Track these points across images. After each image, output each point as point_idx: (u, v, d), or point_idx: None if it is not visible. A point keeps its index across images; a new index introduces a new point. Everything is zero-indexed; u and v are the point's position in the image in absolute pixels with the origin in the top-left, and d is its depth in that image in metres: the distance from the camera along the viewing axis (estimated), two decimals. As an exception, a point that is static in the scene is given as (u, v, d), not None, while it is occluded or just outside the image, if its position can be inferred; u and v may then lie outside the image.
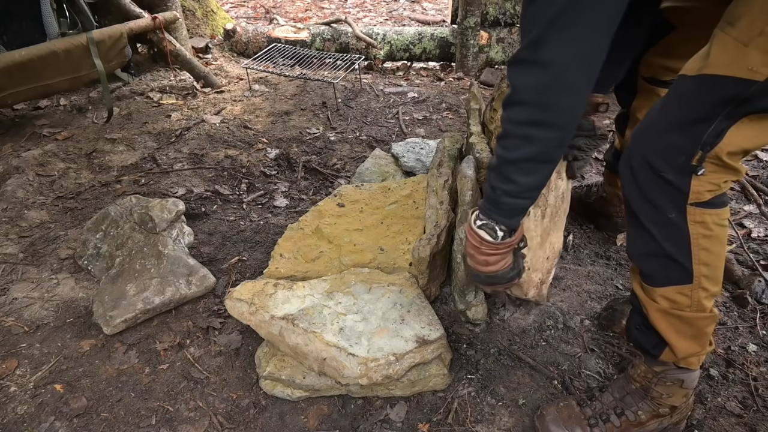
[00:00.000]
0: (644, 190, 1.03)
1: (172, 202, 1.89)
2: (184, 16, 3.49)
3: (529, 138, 0.97)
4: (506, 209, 1.08)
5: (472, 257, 1.17)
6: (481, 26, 3.43)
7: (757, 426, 1.31)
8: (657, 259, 1.08)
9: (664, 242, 1.05)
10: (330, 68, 3.47)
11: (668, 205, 1.02)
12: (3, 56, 2.37)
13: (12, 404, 1.38)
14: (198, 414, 1.36)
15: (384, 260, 1.61)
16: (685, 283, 1.08)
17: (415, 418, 1.34)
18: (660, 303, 1.12)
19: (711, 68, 0.91)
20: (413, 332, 1.36)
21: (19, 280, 1.77)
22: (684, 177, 0.98)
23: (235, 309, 1.45)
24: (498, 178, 1.05)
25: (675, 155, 0.97)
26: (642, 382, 1.24)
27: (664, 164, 0.98)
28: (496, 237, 1.11)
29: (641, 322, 1.21)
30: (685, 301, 1.09)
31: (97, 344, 1.55)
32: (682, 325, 1.12)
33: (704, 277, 1.06)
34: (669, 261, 1.06)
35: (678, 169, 0.98)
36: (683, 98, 0.97)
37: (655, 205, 1.03)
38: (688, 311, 1.10)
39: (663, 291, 1.10)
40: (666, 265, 1.08)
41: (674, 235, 1.04)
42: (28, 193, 2.18)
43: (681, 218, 1.02)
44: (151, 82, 3.08)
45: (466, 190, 1.52)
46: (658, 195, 1.02)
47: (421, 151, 2.33)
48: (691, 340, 1.13)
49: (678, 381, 1.20)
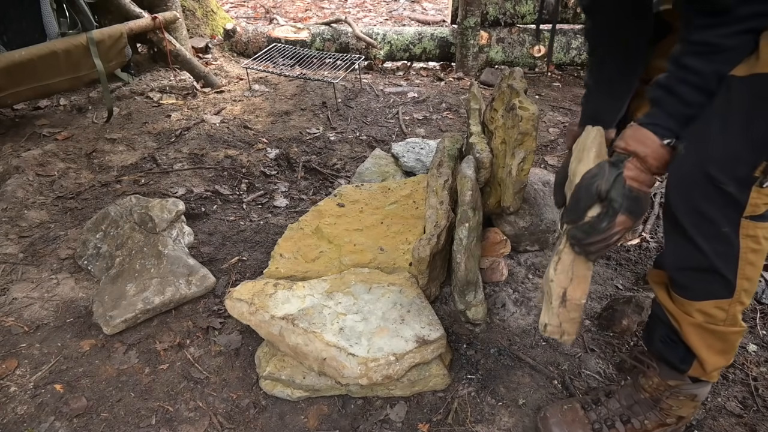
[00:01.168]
0: (698, 202, 0.97)
1: (172, 202, 1.89)
2: (184, 16, 3.49)
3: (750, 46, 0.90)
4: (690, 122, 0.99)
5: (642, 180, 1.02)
6: (481, 26, 3.43)
7: (757, 426, 1.31)
8: (700, 273, 1.03)
9: (713, 257, 0.99)
10: (330, 68, 3.47)
11: (722, 218, 0.97)
12: (3, 56, 2.37)
13: (12, 404, 1.38)
14: (198, 414, 1.36)
15: (384, 260, 1.61)
16: (724, 298, 1.04)
17: (415, 418, 1.34)
18: (695, 317, 1.07)
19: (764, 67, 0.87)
20: (413, 332, 1.36)
21: (19, 280, 1.77)
22: (744, 189, 0.93)
23: (235, 309, 1.45)
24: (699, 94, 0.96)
25: (737, 166, 0.92)
26: (653, 393, 1.21)
27: (724, 176, 0.92)
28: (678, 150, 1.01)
29: (667, 335, 1.16)
30: (721, 315, 1.05)
31: (97, 344, 1.55)
32: (714, 340, 1.08)
33: (744, 291, 1.03)
34: (713, 275, 1.02)
35: (740, 180, 0.93)
36: (739, 103, 0.92)
37: (707, 218, 0.97)
38: (722, 325, 1.06)
39: (701, 305, 1.06)
40: (709, 279, 1.03)
41: (725, 249, 0.99)
42: (28, 193, 2.18)
43: (734, 232, 0.98)
44: (151, 82, 3.08)
45: (466, 190, 1.52)
46: (713, 208, 0.96)
47: (421, 151, 2.33)
48: (720, 354, 1.10)
49: (691, 395, 1.18)
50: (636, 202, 1.02)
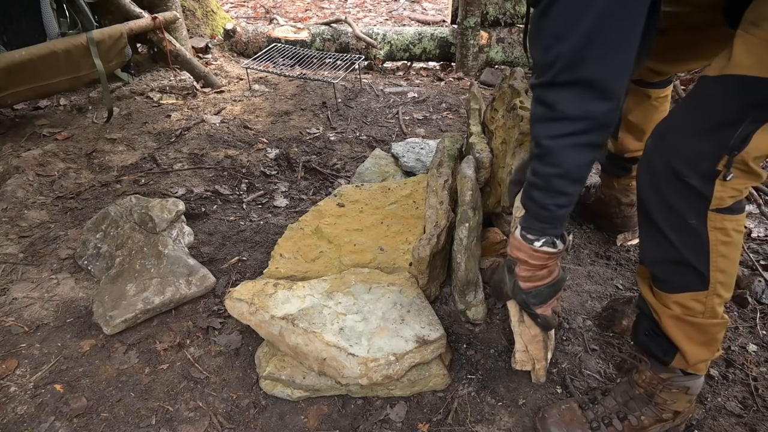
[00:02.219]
0: (665, 195, 1.01)
1: (172, 202, 1.89)
2: (184, 16, 3.49)
3: (581, 146, 0.97)
4: (560, 220, 1.09)
5: (532, 278, 1.16)
6: (481, 26, 3.43)
7: (757, 426, 1.31)
8: (673, 266, 1.07)
9: (683, 249, 1.03)
10: (330, 68, 3.47)
11: (689, 211, 1.00)
12: (3, 56, 2.37)
13: (12, 404, 1.38)
14: (198, 414, 1.36)
15: (384, 260, 1.61)
16: (700, 290, 1.06)
17: (415, 418, 1.34)
18: (673, 309, 1.10)
19: (735, 68, 0.89)
20: (413, 332, 1.36)
21: (19, 280, 1.77)
22: (708, 182, 0.96)
23: (235, 309, 1.45)
24: (549, 196, 1.04)
25: (700, 160, 0.95)
26: (647, 388, 1.23)
27: (688, 169, 0.96)
28: (556, 248, 1.12)
29: (650, 328, 1.19)
30: (699, 307, 1.08)
31: (97, 344, 1.55)
32: (694, 332, 1.10)
33: (719, 283, 1.05)
34: (686, 267, 1.05)
35: (702, 174, 0.96)
36: (707, 100, 0.95)
37: (675, 211, 1.01)
38: (701, 318, 1.09)
39: (677, 297, 1.09)
40: (682, 272, 1.06)
41: (693, 241, 1.02)
42: (28, 193, 2.18)
43: (701, 224, 1.00)
44: (151, 82, 3.08)
45: (466, 190, 1.52)
46: (680, 201, 1.00)
47: (421, 151, 2.33)
48: (702, 346, 1.12)
49: (684, 388, 1.19)
50: (539, 296, 1.18)
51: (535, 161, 1.03)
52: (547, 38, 0.92)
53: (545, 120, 0.97)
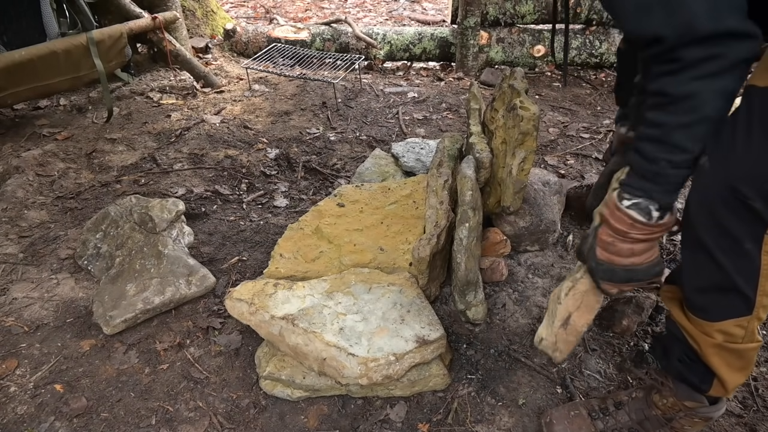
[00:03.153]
0: (722, 219, 0.93)
1: (172, 202, 1.89)
2: (184, 16, 3.49)
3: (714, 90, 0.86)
4: (668, 182, 0.94)
5: (610, 246, 1.01)
6: (481, 26, 3.43)
7: (757, 426, 1.31)
8: (722, 293, 1.00)
9: (734, 274, 0.96)
10: (330, 68, 3.47)
11: (746, 235, 0.93)
12: (3, 56, 2.37)
13: (12, 404, 1.38)
14: (198, 414, 1.36)
15: (384, 260, 1.61)
16: (744, 315, 1.01)
17: (415, 418, 1.34)
18: (716, 338, 1.04)
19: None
20: (413, 332, 1.36)
21: (19, 280, 1.77)
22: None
23: (235, 309, 1.45)
24: (664, 149, 0.91)
25: (765, 181, 0.88)
26: (666, 412, 1.18)
27: (752, 191, 0.88)
28: (650, 218, 0.96)
29: (685, 354, 1.12)
30: (740, 332, 1.02)
31: (97, 344, 1.55)
32: (733, 358, 1.05)
33: (762, 307, 1.00)
34: (735, 294, 0.98)
35: (766, 195, 0.88)
36: (759, 113, 0.88)
37: (731, 235, 0.94)
38: (741, 343, 1.03)
39: (720, 325, 1.02)
40: (729, 298, 1.00)
41: (746, 266, 0.96)
42: (28, 193, 2.18)
43: (756, 248, 0.94)
44: (151, 82, 3.08)
45: (465, 190, 1.52)
46: (739, 225, 0.92)
47: (421, 151, 2.33)
48: (739, 371, 1.07)
49: (706, 418, 1.16)
50: (608, 273, 1.03)
51: (654, 111, 0.91)
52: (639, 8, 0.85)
53: (669, 73, 0.87)
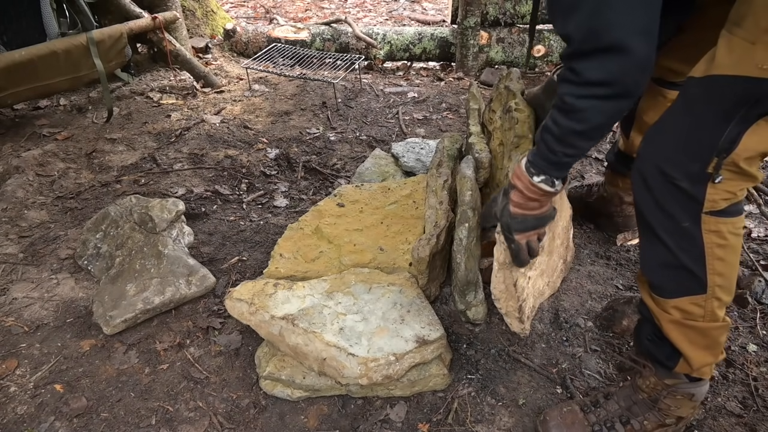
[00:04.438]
0: (657, 198, 1.02)
1: (172, 202, 1.89)
2: (184, 16, 3.49)
3: (601, 111, 0.97)
4: (565, 167, 1.12)
5: (522, 205, 1.19)
6: (481, 26, 3.43)
7: (757, 426, 1.31)
8: (671, 270, 1.07)
9: (679, 252, 1.03)
10: (330, 68, 3.47)
11: (682, 213, 1.00)
12: (3, 56, 2.37)
13: (12, 404, 1.38)
14: (198, 414, 1.36)
15: (384, 260, 1.61)
16: (698, 294, 1.06)
17: (415, 418, 1.34)
18: (673, 314, 1.10)
19: (719, 69, 0.90)
20: (413, 332, 1.36)
21: (19, 280, 1.77)
22: (699, 185, 0.97)
23: (235, 309, 1.45)
24: (560, 145, 1.06)
25: (689, 163, 0.96)
26: (650, 393, 1.22)
27: (678, 172, 0.97)
28: (554, 187, 1.14)
29: (653, 333, 1.19)
30: (698, 311, 1.08)
31: (97, 344, 1.55)
32: (695, 336, 1.10)
33: (718, 287, 1.05)
34: (683, 271, 1.05)
35: (692, 177, 0.96)
36: (693, 102, 0.96)
37: (669, 214, 1.01)
38: (702, 321, 1.08)
39: (676, 302, 1.09)
40: (679, 276, 1.06)
41: (689, 244, 1.02)
42: (28, 193, 2.18)
43: (695, 227, 1.00)
44: (151, 82, 3.08)
45: (465, 190, 1.52)
46: (672, 204, 1.00)
47: (421, 151, 2.33)
48: (705, 350, 1.12)
49: (688, 395, 1.19)
50: (523, 223, 1.21)
51: (556, 112, 1.04)
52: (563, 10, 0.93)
53: (570, 82, 0.98)
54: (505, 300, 1.39)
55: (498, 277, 1.37)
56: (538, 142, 1.12)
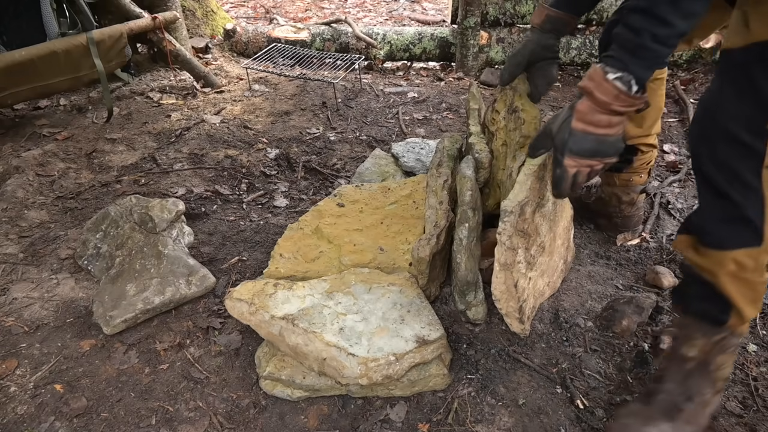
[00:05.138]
0: (721, 155, 1.08)
1: (172, 202, 1.89)
2: (184, 16, 3.49)
3: None
4: (648, 57, 1.00)
5: (588, 116, 1.06)
6: (481, 26, 3.43)
7: (757, 426, 1.31)
8: (734, 224, 1.12)
9: (744, 205, 1.09)
10: (330, 68, 3.47)
11: (744, 168, 1.07)
12: (3, 56, 2.37)
13: (12, 404, 1.38)
14: (198, 414, 1.36)
15: (384, 260, 1.61)
16: (754, 246, 1.11)
17: (415, 418, 1.34)
18: (730, 267, 1.14)
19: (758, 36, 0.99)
20: (413, 332, 1.36)
21: (19, 280, 1.77)
22: (758, 139, 1.04)
23: (235, 309, 1.45)
24: (648, 20, 0.96)
25: (748, 120, 1.03)
26: (700, 357, 1.23)
27: (738, 127, 1.04)
28: (631, 89, 1.02)
29: (701, 292, 1.21)
30: (750, 264, 1.13)
31: (97, 344, 1.55)
32: (746, 289, 1.15)
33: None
34: (745, 224, 1.10)
35: (752, 131, 1.03)
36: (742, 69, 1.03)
37: (730, 168, 1.08)
38: (751, 274, 1.14)
39: (734, 254, 1.12)
40: (741, 228, 1.11)
41: (753, 197, 1.08)
42: (28, 193, 2.18)
43: (756, 180, 1.07)
44: (151, 82, 3.08)
45: (465, 190, 1.52)
46: (735, 159, 1.07)
47: (421, 151, 2.33)
48: (752, 304, 1.17)
49: (736, 347, 1.23)
50: (581, 142, 1.08)
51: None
52: None
53: None
54: (506, 300, 1.39)
55: (499, 277, 1.37)
56: (616, 33, 1.02)
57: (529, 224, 1.39)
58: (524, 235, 1.39)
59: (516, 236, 1.35)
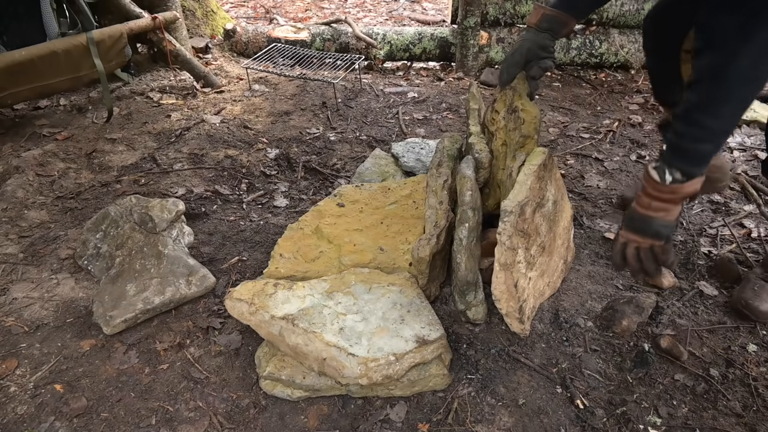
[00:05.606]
0: None
1: (172, 202, 1.89)
2: (184, 16, 3.49)
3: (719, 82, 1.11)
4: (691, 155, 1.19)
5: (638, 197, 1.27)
6: (481, 26, 3.43)
7: (757, 426, 1.31)
8: None
9: None
10: (330, 68, 3.47)
11: None
12: (3, 56, 2.37)
13: (12, 404, 1.38)
14: (198, 414, 1.36)
15: (384, 260, 1.61)
16: None
17: (415, 418, 1.34)
18: None
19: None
20: (413, 332, 1.36)
21: (19, 280, 1.77)
22: None
23: (235, 309, 1.45)
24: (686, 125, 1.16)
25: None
26: None
27: None
28: (663, 180, 1.20)
29: None
30: None
31: (97, 344, 1.55)
32: None
33: None
34: None
35: None
36: None
37: None
38: None
39: None
40: None
41: None
42: (28, 193, 2.18)
43: None
44: (151, 82, 3.08)
45: (465, 190, 1.52)
46: None
47: (421, 151, 2.33)
48: None
49: None
50: (634, 223, 1.28)
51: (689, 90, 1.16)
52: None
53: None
54: (506, 300, 1.39)
55: (499, 277, 1.37)
56: (666, 139, 1.22)
57: (529, 224, 1.39)
58: (524, 235, 1.39)
59: (516, 236, 1.35)
